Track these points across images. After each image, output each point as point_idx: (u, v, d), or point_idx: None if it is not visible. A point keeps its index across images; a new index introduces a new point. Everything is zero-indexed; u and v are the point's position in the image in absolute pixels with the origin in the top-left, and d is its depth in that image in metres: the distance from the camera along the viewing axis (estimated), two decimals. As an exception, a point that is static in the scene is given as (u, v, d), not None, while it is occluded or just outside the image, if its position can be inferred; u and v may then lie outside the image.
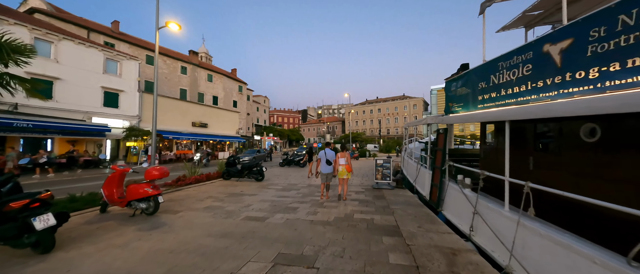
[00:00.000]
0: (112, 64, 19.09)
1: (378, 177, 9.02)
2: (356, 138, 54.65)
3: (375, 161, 9.18)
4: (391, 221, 5.01)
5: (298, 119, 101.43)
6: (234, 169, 10.67)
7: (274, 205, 6.38)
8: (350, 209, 6.01)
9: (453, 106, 5.84)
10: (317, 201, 6.83)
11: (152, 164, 8.56)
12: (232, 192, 8.04)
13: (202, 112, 27.43)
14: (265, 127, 56.68)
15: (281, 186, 9.38)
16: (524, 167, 4.28)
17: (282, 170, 15.50)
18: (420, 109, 73.08)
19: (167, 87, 30.57)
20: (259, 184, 9.77)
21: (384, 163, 9.03)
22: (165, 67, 30.65)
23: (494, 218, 3.89)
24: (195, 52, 35.31)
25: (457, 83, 5.60)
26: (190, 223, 4.87)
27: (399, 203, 6.57)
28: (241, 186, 9.29)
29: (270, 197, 7.41)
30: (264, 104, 66.92)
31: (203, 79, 35.91)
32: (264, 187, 9.07)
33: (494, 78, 4.18)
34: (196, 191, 8.35)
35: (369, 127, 78.49)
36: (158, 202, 5.26)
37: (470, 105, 5.02)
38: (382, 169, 9.00)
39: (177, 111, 24.18)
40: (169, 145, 23.48)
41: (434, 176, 6.42)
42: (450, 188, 5.52)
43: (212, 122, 28.56)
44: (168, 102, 23.67)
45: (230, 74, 43.48)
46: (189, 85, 33.57)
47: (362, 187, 9.16)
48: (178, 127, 23.85)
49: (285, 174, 13.13)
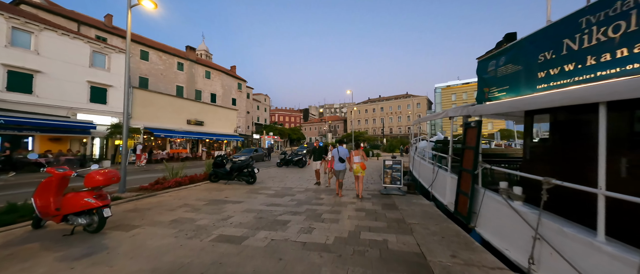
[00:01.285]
0: (99, 58, 17.93)
1: (386, 181, 7.70)
2: (358, 137, 53.23)
3: (384, 163, 7.87)
4: (412, 245, 3.70)
5: (299, 118, 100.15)
6: (222, 171, 9.40)
7: (260, 218, 5.09)
8: (356, 224, 4.70)
9: (491, 91, 4.49)
10: (314, 212, 5.53)
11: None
12: (213, 199, 6.77)
13: (198, 110, 26.25)
14: (265, 126, 55.50)
15: (274, 191, 8.09)
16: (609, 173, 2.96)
17: (279, 171, 14.23)
18: (424, 107, 71.45)
19: (163, 83, 29.45)
20: (249, 188, 8.49)
21: (393, 165, 7.71)
22: (160, 63, 29.52)
23: (578, 251, 2.57)
24: (192, 48, 34.15)
25: (497, 60, 4.26)
26: (139, 248, 3.59)
27: (417, 216, 5.24)
28: (228, 191, 8.02)
29: (258, 205, 6.12)
30: (265, 102, 65.73)
31: (200, 75, 34.76)
32: (253, 192, 7.80)
33: (571, 43, 2.84)
34: (173, 196, 7.09)
35: (372, 126, 77.02)
36: (103, 216, 3.99)
37: (523, 86, 3.68)
38: (391, 172, 7.68)
39: (171, 108, 23.01)
40: (162, 144, 22.32)
41: (461, 182, 5.09)
42: (488, 199, 4.19)
43: (208, 120, 27.37)
44: (161, 98, 22.50)
45: (230, 71, 42.32)
46: (185, 82, 32.43)
47: (368, 192, 7.84)
48: (172, 125, 22.68)
49: (281, 176, 11.85)
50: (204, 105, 28.14)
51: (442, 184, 6.37)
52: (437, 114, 7.74)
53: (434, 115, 7.83)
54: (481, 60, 4.84)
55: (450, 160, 6.13)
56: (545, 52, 3.20)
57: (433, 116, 8.13)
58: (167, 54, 30.33)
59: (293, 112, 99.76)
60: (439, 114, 7.59)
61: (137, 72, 27.07)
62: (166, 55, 30.19)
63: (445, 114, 6.98)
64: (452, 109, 6.19)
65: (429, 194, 7.29)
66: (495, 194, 4.09)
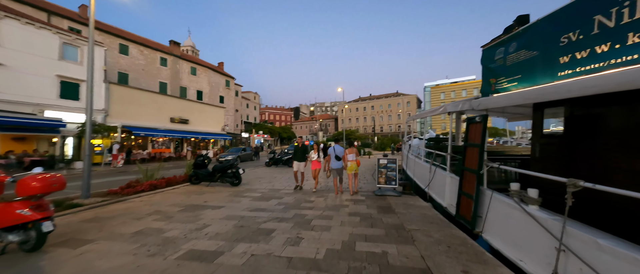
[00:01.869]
0: (70, 50, 16.54)
1: (381, 182, 7.21)
2: (350, 136, 53.01)
3: (378, 161, 7.37)
4: (415, 259, 3.19)
5: (290, 117, 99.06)
6: (204, 172, 8.64)
7: (241, 226, 4.46)
8: (350, 232, 4.15)
9: (499, 81, 4.04)
10: (303, 217, 4.95)
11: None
12: (191, 204, 6.06)
13: (182, 108, 25.02)
14: (254, 125, 54.29)
15: (260, 193, 7.45)
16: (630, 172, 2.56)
17: (267, 171, 13.54)
18: (414, 106, 72.18)
19: (145, 79, 27.93)
20: (232, 191, 7.80)
21: (388, 164, 7.23)
22: (142, 58, 27.98)
23: (623, 270, 2.12)
24: (176, 42, 32.63)
25: (507, 47, 3.80)
26: (83, 272, 2.89)
27: (416, 220, 4.76)
28: (209, 194, 7.30)
29: (241, 211, 5.47)
30: (254, 100, 64.30)
31: (186, 72, 33.32)
32: (237, 195, 7.12)
33: (604, 20, 2.39)
34: (144, 201, 6.31)
35: (363, 124, 77.13)
36: (42, 231, 3.25)
37: (540, 75, 3.22)
38: (385, 172, 7.20)
39: (153, 105, 21.74)
40: (143, 143, 21.05)
41: (463, 183, 4.64)
42: (496, 202, 3.75)
43: (194, 118, 26.18)
44: (142, 95, 21.20)
45: (217, 68, 40.93)
46: (169, 78, 30.96)
47: (362, 193, 7.34)
48: (154, 123, 21.43)
49: (269, 177, 11.17)
50: (189, 102, 26.90)
51: (441, 184, 5.94)
52: (434, 110, 7.32)
53: (431, 111, 7.42)
54: (487, 49, 4.39)
55: (449, 158, 5.71)
56: (569, 32, 2.75)
57: (429, 111, 7.72)
58: (149, 49, 28.79)
59: (284, 111, 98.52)
60: (435, 110, 7.18)
61: (116, 67, 25.50)
62: (148, 49, 28.65)
63: (443, 110, 6.56)
64: (451, 103, 5.76)
65: (425, 195, 6.87)
66: (504, 196, 3.64)
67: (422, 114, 9.69)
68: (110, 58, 25.20)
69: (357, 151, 7.51)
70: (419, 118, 10.37)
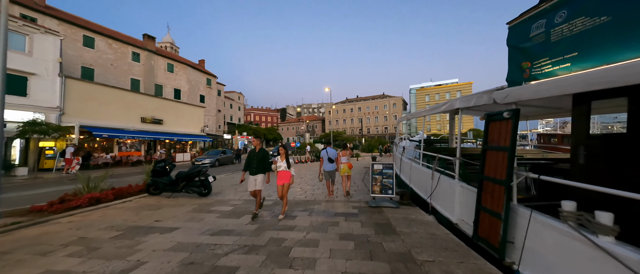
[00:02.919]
0: (16, 38, 14.28)
1: (375, 190, 6.16)
2: (337, 137, 52.19)
3: (371, 166, 6.31)
4: (444, 322, 2.09)
5: (277, 118, 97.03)
6: (164, 181, 7.19)
7: (190, 264, 3.18)
8: (343, 269, 3.02)
9: (539, 64, 3.07)
10: (280, 244, 3.75)
11: None
12: (134, 226, 4.67)
13: (155, 106, 22.90)
14: (238, 126, 52.13)
15: (232, 206, 6.16)
16: None
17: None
18: (400, 108, 72.84)
19: (114, 75, 25.47)
20: (199, 203, 6.44)
21: (383, 169, 6.19)
22: (110, 52, 25.51)
23: None
24: (151, 36, 30.24)
25: (551, 17, 2.84)
26: None
27: (425, 244, 3.71)
28: (167, 209, 5.91)
29: (198, 235, 4.18)
30: (239, 100, 61.97)
31: (161, 68, 30.97)
32: (202, 210, 5.79)
33: None
34: (73, 223, 4.84)
35: (350, 126, 76.78)
36: None
37: (615, 50, 2.27)
38: (381, 179, 6.15)
39: (119, 103, 19.57)
40: (108, 145, 18.85)
41: (483, 195, 3.66)
42: (539, 226, 2.77)
43: (169, 118, 24.10)
44: (107, 92, 19.00)
45: (197, 66, 38.66)
46: (142, 75, 28.57)
47: (353, 204, 6.25)
48: (120, 123, 19.29)
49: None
50: (163, 101, 24.76)
51: (448, 194, 4.97)
52: (436, 107, 6.39)
53: (432, 108, 6.49)
54: (516, 24, 3.43)
55: (458, 164, 4.75)
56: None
57: (430, 109, 6.80)
58: (119, 42, 26.35)
59: (270, 112, 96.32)
60: (437, 107, 6.25)
61: (79, 61, 22.99)
62: (118, 43, 26.20)
63: (448, 106, 5.63)
64: (461, 98, 4.83)
65: (426, 205, 5.91)
66: (552, 219, 2.67)
67: (419, 113, 8.79)
68: (73, 51, 22.70)
69: (351, 153, 7.73)
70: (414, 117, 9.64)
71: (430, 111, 8.02)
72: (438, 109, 6.72)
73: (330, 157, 7.01)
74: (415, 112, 8.73)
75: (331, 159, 7.01)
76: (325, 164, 7.03)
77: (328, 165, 7.02)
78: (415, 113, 9.27)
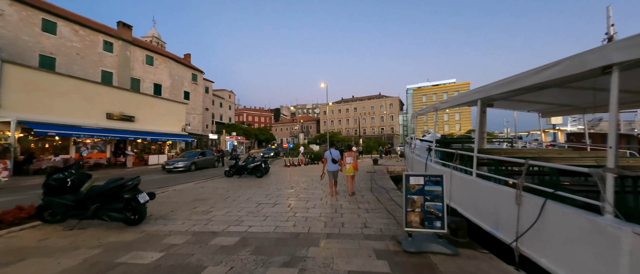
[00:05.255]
0: None
1: (413, 221, 3.59)
2: (332, 138, 49.73)
3: (404, 180, 3.74)
4: None
5: (270, 118, 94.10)
6: (66, 201, 4.42)
7: None
8: None
9: None
10: None
11: None
12: None
13: (126, 101, 19.89)
14: (227, 125, 49.05)
15: (162, 252, 3.50)
16: None
17: (226, 183, 9.48)
18: (397, 108, 70.98)
19: (81, 66, 22.36)
20: (107, 243, 3.77)
21: (426, 185, 3.63)
22: (77, 39, 22.39)
23: None
24: (127, 25, 27.15)
25: None
26: None
27: None
28: (33, 260, 3.22)
29: None
30: (229, 99, 58.79)
31: (139, 60, 27.90)
32: (97, 266, 3.12)
33: None
34: None
35: (345, 126, 74.47)
36: None
37: None
38: (421, 200, 3.60)
39: (77, 95, 16.56)
40: (61, 145, 15.79)
41: None
42: None
43: (143, 114, 21.11)
44: (62, 82, 15.95)
45: (182, 60, 35.62)
46: (116, 67, 25.47)
47: (375, 245, 3.68)
48: (79, 119, 16.28)
49: (218, 197, 7.14)
50: (136, 95, 21.74)
51: (571, 242, 2.48)
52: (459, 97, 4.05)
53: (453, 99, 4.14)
54: None
55: (611, 181, 2.26)
56: None
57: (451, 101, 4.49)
58: (88, 29, 23.23)
59: (263, 112, 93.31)
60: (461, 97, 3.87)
61: (37, 48, 19.85)
62: (86, 30, 23.09)
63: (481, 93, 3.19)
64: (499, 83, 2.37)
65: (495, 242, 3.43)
66: None
67: (438, 105, 6.30)
68: (31, 37, 19.59)
69: (356, 155, 7.55)
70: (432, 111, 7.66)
71: (451, 102, 5.61)
72: (462, 99, 4.85)
73: (333, 158, 7.07)
74: (434, 104, 6.23)
75: (335, 160, 7.07)
76: (329, 165, 7.09)
77: (332, 165, 7.08)
78: (433, 106, 6.80)
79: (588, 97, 5.63)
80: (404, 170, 15.87)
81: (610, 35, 13.37)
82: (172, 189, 8.57)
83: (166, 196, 7.39)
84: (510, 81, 3.58)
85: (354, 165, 7.03)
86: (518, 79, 3.44)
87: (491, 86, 4.14)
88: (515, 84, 3.51)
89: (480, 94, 4.46)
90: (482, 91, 4.40)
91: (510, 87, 3.63)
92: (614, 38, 13.55)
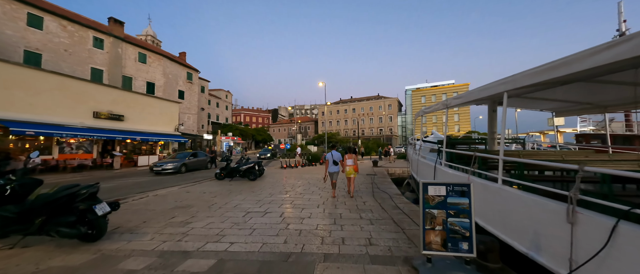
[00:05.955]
0: None
1: (433, 242, 2.85)
2: (331, 139, 48.99)
3: (421, 189, 3.00)
4: None
5: (268, 119, 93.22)
6: (7, 213, 3.62)
7: None
8: None
9: None
10: None
11: None
12: None
13: (114, 99, 19.01)
14: (223, 126, 48.16)
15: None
16: None
17: (215, 187, 8.66)
18: (395, 109, 70.48)
19: (68, 63, 21.45)
20: (59, 266, 2.97)
21: (448, 197, 2.89)
22: (65, 35, 21.49)
23: None
24: (119, 21, 26.26)
25: None
26: None
27: None
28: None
29: None
30: (226, 99, 57.85)
31: (131, 58, 27.00)
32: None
33: None
34: None
35: (343, 127, 73.81)
36: None
37: None
38: (443, 216, 2.86)
39: (61, 92, 15.67)
40: (43, 145, 14.89)
41: None
42: None
43: (133, 114, 20.24)
44: (40, 77, 15.03)
45: (177, 58, 34.73)
46: (107, 64, 24.56)
47: (378, 271, 2.92)
48: (63, 118, 15.39)
49: (202, 203, 6.34)
50: (126, 93, 20.84)
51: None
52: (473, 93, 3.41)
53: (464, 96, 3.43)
54: None
55: None
56: None
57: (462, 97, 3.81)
58: (77, 25, 22.32)
59: (261, 113, 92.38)
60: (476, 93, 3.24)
61: (22, 44, 18.94)
62: (74, 25, 22.18)
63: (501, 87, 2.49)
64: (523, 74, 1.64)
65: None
66: None
67: (456, 100, 5.54)
68: (15, 31, 18.67)
69: (356, 157, 7.71)
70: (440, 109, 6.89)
71: (467, 97, 4.92)
72: (481, 93, 4.22)
73: (335, 159, 7.19)
74: (445, 100, 5.45)
75: (336, 161, 7.19)
76: (331, 166, 7.20)
77: (333, 167, 7.20)
78: (444, 103, 6.08)
79: (617, 94, 4.99)
80: (405, 173, 15.08)
81: (621, 32, 12.82)
82: (153, 194, 7.75)
83: (144, 202, 6.58)
84: (552, 67, 2.85)
85: (355, 167, 7.10)
86: (558, 66, 2.73)
87: (521, 75, 3.42)
88: (557, 72, 2.79)
89: (506, 85, 3.73)
90: (509, 81, 3.68)
91: (549, 75, 2.90)
92: (626, 34, 13.03)
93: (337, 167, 7.23)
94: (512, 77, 3.62)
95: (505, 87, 3.74)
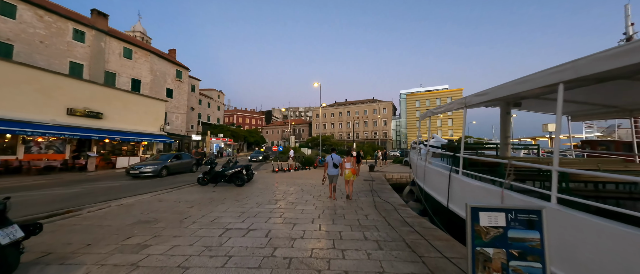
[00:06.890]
0: None
1: (482, 293, 1.91)
2: (325, 142, 48.07)
3: (471, 217, 2.06)
4: None
5: (261, 120, 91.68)
6: None
7: None
8: None
9: None
10: None
11: None
12: None
13: (91, 94, 17.54)
14: (214, 126, 46.59)
15: None
16: None
17: (196, 194, 7.52)
18: (390, 113, 70.25)
19: (45, 56, 19.87)
20: None
21: (509, 230, 1.96)
22: (41, 25, 19.94)
23: None
24: (102, 13, 24.74)
25: None
26: None
27: None
28: None
29: None
30: (218, 99, 56.23)
31: (115, 53, 25.47)
32: None
33: None
34: None
35: (338, 130, 73.06)
36: None
37: None
38: (500, 259, 1.92)
39: (32, 86, 14.21)
40: (9, 144, 13.37)
41: None
42: None
43: (113, 111, 18.78)
44: (11, 69, 13.60)
45: (165, 55, 33.25)
46: (88, 58, 23.01)
47: None
48: (31, 114, 13.92)
49: (179, 213, 5.22)
50: (106, 89, 19.38)
51: None
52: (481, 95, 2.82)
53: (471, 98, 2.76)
54: None
55: None
56: None
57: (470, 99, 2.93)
58: (55, 15, 20.79)
59: (254, 114, 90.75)
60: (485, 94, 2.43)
61: (-7, 34, 17.31)
62: (52, 16, 20.63)
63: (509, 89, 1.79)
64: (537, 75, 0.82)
65: None
66: None
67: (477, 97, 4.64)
68: (-18, 19, 17.04)
69: (355, 160, 7.95)
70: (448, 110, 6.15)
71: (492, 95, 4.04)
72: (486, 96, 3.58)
73: (335, 162, 7.21)
74: (462, 99, 4.42)
75: (335, 164, 7.20)
76: (330, 169, 7.21)
77: (332, 170, 7.21)
78: (461, 102, 5.20)
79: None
80: (403, 178, 14.16)
81: (629, 35, 12.42)
82: (117, 203, 6.57)
83: (100, 215, 5.42)
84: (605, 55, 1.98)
85: (353, 170, 7.23)
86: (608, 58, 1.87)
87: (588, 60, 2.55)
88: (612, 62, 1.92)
89: (563, 74, 2.85)
90: (567, 69, 2.79)
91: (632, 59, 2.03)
92: (633, 38, 12.65)
93: (337, 170, 7.27)
94: (572, 63, 2.74)
95: (561, 76, 2.85)
